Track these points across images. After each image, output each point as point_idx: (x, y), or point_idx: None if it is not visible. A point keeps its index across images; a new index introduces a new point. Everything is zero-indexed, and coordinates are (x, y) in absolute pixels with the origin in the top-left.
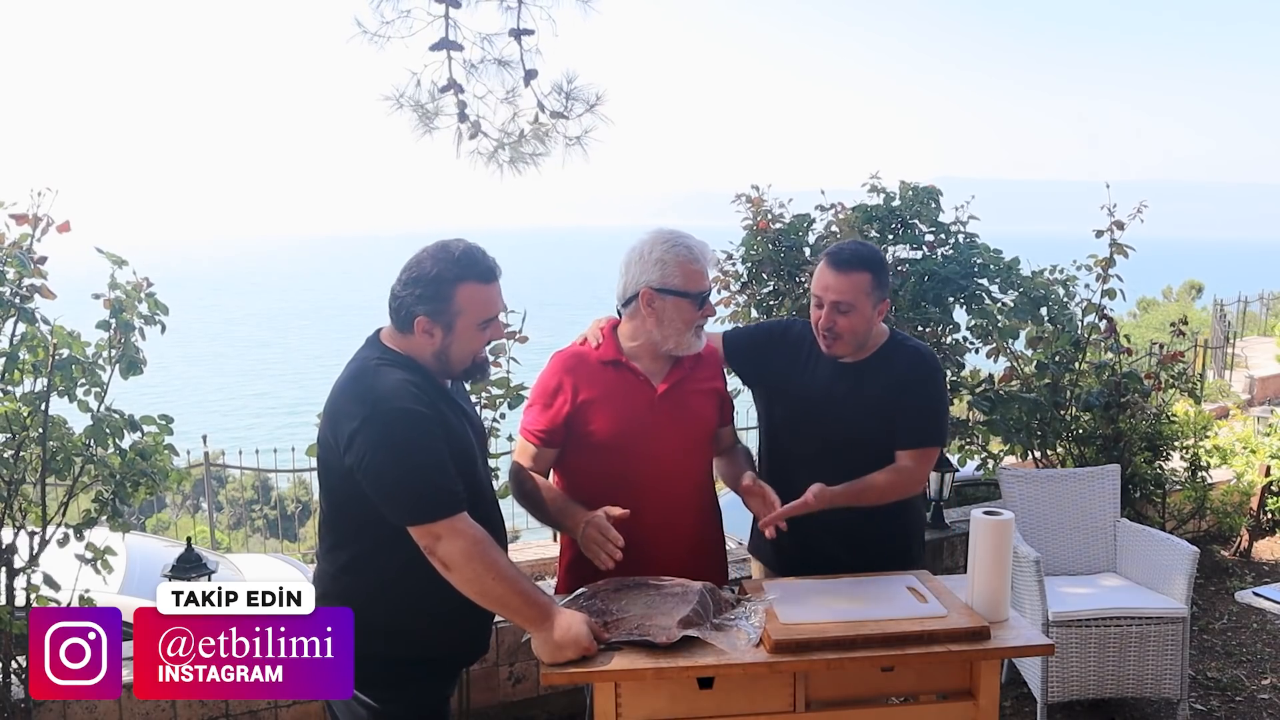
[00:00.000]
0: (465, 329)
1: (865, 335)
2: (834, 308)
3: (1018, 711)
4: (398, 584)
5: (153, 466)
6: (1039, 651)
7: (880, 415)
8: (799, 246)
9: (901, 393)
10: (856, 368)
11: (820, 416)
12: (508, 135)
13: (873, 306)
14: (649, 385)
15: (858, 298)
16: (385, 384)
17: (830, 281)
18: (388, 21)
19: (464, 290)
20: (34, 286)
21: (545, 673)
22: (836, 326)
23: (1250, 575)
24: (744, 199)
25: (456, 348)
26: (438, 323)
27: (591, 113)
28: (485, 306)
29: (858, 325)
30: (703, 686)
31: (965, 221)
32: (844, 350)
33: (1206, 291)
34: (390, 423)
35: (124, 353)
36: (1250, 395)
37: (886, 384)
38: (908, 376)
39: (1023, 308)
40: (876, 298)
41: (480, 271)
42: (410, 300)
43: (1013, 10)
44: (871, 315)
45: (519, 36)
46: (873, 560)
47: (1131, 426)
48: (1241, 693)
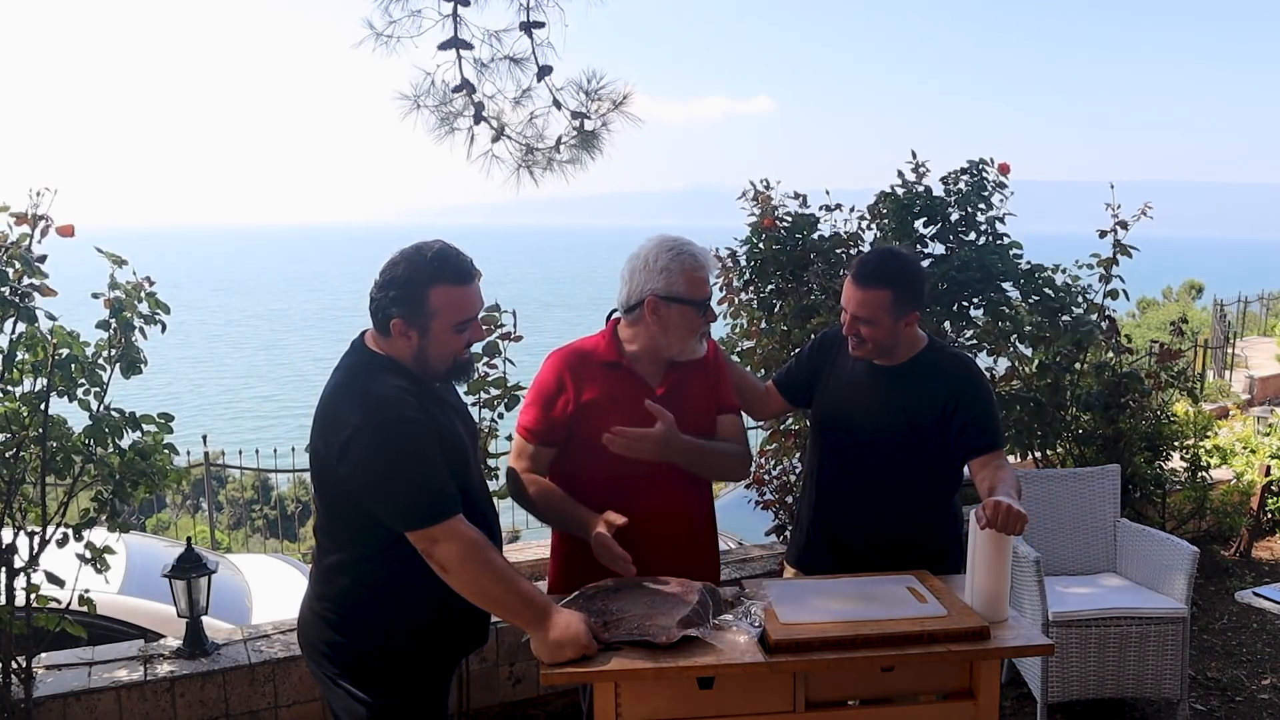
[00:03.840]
0: (440, 331)
1: (890, 344)
2: (855, 320)
3: (1018, 711)
4: (393, 585)
5: (152, 466)
6: (1039, 651)
7: (908, 420)
8: (804, 246)
9: (959, 397)
10: (890, 371)
11: (848, 413)
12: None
13: (894, 320)
14: (648, 388)
15: (876, 314)
16: (374, 390)
17: (851, 294)
18: (395, 20)
19: (437, 293)
20: (34, 286)
21: (545, 673)
22: (860, 334)
23: (1250, 575)
24: (750, 194)
25: (434, 350)
26: (413, 326)
27: (618, 111)
28: (459, 308)
29: (880, 336)
30: (702, 686)
31: (1000, 217)
32: (869, 355)
33: (1206, 291)
34: (381, 430)
35: (124, 352)
36: (1250, 395)
37: (920, 391)
38: (959, 381)
39: (1041, 314)
40: (898, 312)
41: (453, 273)
42: (385, 303)
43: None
44: (894, 327)
45: (530, 30)
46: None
47: (1132, 426)
48: (1241, 693)
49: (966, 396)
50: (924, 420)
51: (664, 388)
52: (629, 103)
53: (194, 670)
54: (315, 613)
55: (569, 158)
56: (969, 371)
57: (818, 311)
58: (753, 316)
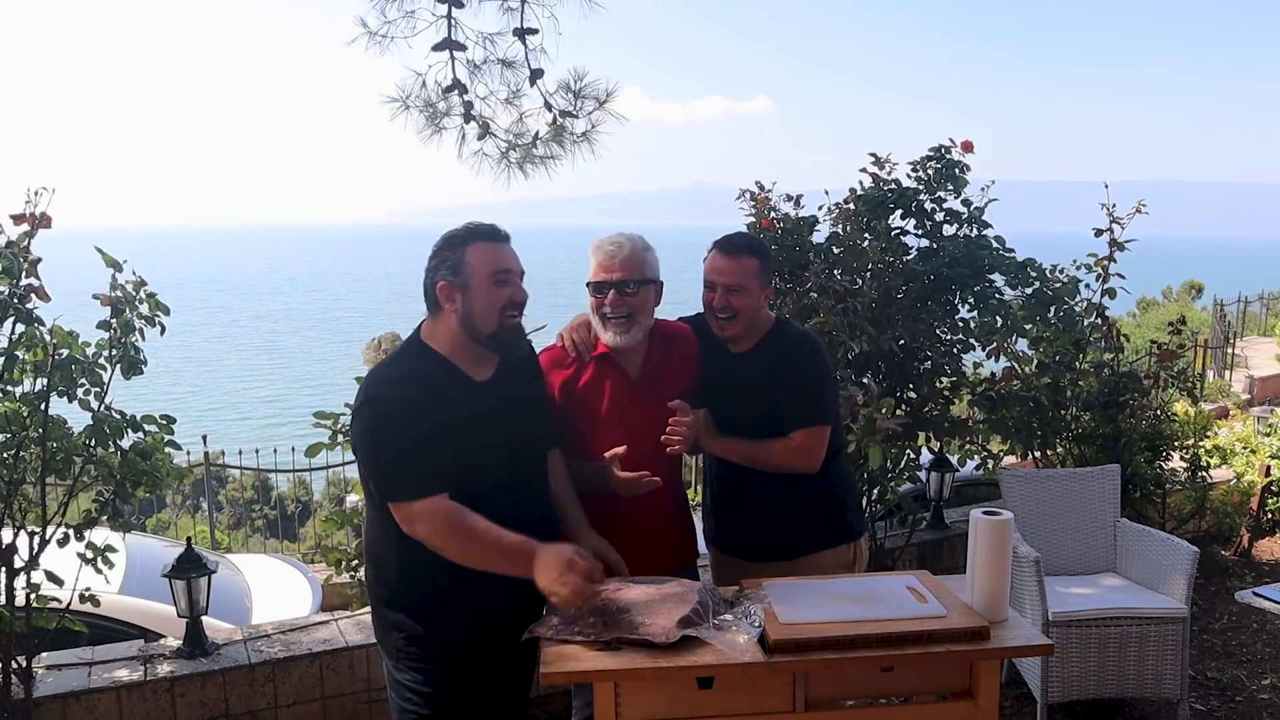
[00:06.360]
0: (480, 285)
1: (754, 316)
2: (727, 290)
3: (1018, 711)
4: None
5: (153, 466)
6: (1039, 651)
7: (766, 401)
8: (803, 247)
9: (784, 376)
10: (747, 356)
11: (718, 404)
12: (518, 137)
13: (760, 289)
14: (627, 376)
15: (747, 280)
16: (379, 372)
17: (722, 265)
18: (390, 20)
19: (473, 250)
20: (31, 286)
21: (545, 672)
22: (731, 303)
23: (1250, 575)
24: (748, 195)
25: (478, 306)
26: (456, 286)
27: (603, 110)
28: (495, 259)
29: (748, 304)
30: (702, 686)
31: (983, 208)
32: (737, 331)
33: (1206, 291)
34: (373, 404)
35: (124, 352)
36: (1250, 395)
37: (768, 370)
38: (790, 360)
39: (1032, 308)
40: (763, 281)
41: (486, 232)
42: (432, 273)
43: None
44: (759, 296)
45: (523, 36)
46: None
47: (1131, 426)
48: (1241, 693)
49: (792, 369)
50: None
51: (642, 375)
52: (613, 100)
53: (194, 670)
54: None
55: (547, 153)
56: (803, 345)
57: (817, 311)
58: None
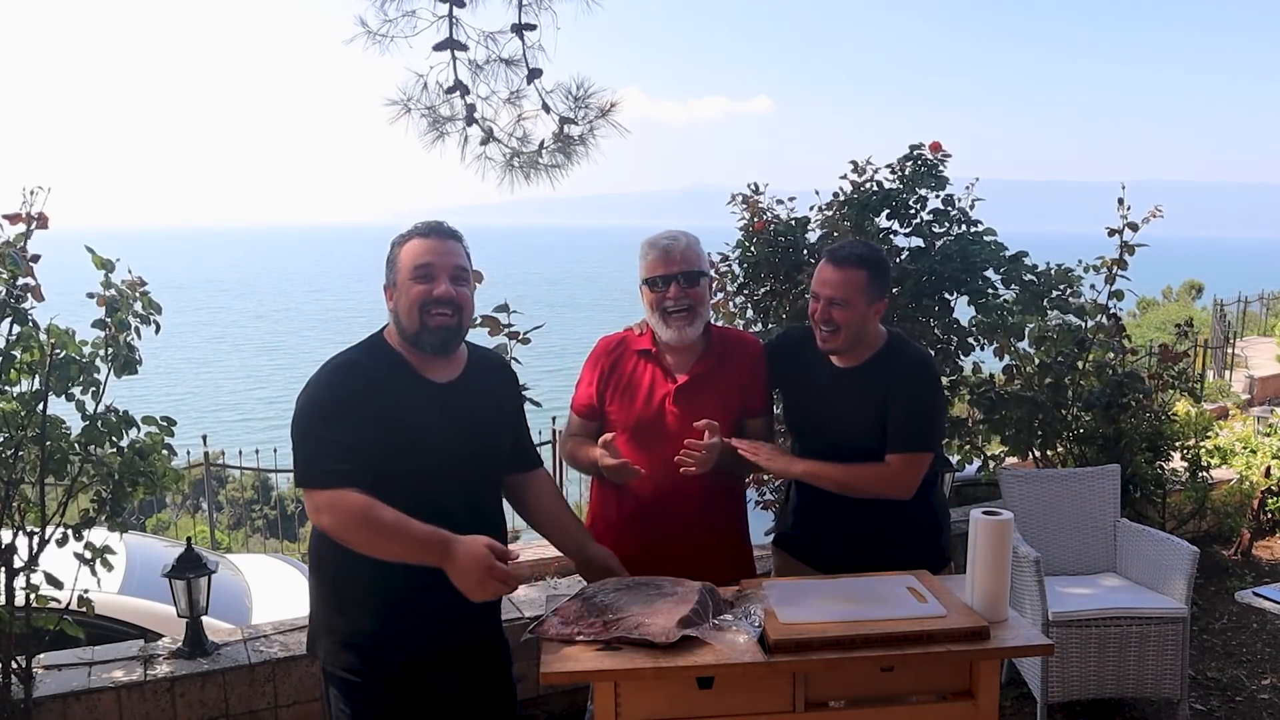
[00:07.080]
0: (403, 282)
1: (860, 331)
2: (829, 303)
3: (1018, 711)
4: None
5: (151, 466)
6: (1039, 651)
7: (870, 420)
8: (797, 247)
9: (894, 397)
10: (854, 372)
11: (823, 421)
12: (522, 142)
13: (867, 303)
14: (671, 377)
15: (853, 294)
16: (324, 365)
17: (828, 276)
18: (390, 20)
19: (405, 247)
20: (28, 286)
21: (545, 672)
22: (833, 317)
23: (1250, 575)
24: (740, 199)
25: (401, 303)
26: (388, 285)
27: (604, 119)
28: (418, 255)
29: (852, 320)
30: (702, 686)
31: (972, 206)
32: (840, 344)
33: (1206, 291)
34: (307, 389)
35: (118, 351)
36: (1250, 395)
37: (877, 389)
38: (901, 381)
39: (1026, 301)
40: (871, 295)
41: (421, 229)
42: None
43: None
44: (866, 311)
45: (521, 31)
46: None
47: (1132, 426)
48: (1241, 693)
49: (905, 392)
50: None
51: (686, 377)
52: (615, 111)
53: (194, 670)
54: None
55: (552, 162)
56: (919, 368)
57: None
58: (747, 320)
